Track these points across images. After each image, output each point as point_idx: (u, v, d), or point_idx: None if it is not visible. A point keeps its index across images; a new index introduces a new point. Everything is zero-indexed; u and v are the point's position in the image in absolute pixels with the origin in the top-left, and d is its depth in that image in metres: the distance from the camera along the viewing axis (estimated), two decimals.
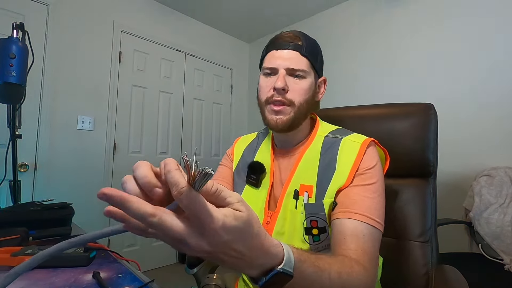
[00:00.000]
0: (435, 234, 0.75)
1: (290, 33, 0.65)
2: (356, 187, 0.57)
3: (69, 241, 0.26)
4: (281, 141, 0.71)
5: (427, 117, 0.78)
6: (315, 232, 0.59)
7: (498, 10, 1.68)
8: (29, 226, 0.72)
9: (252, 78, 3.32)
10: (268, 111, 0.65)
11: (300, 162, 0.65)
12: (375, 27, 2.24)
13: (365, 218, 0.52)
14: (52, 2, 1.93)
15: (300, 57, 0.62)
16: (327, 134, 0.67)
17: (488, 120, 1.67)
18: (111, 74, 2.22)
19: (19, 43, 0.96)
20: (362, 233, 0.51)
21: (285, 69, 0.62)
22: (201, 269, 0.88)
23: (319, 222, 0.58)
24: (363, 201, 0.54)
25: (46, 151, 1.89)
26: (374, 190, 0.56)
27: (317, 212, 0.58)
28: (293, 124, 0.63)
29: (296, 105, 0.62)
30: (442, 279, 0.65)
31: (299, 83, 0.63)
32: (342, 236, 0.52)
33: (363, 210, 0.53)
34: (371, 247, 0.51)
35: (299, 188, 0.62)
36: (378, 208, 0.55)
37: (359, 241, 0.50)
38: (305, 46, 0.63)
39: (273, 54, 0.64)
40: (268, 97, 0.64)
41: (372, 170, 0.58)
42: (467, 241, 1.63)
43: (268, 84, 0.64)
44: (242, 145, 0.79)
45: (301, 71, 0.62)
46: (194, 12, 2.71)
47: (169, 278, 2.25)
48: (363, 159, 0.59)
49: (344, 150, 0.61)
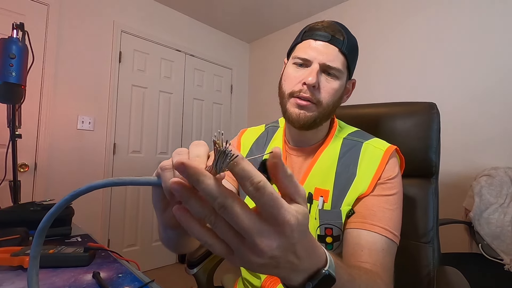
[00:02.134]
0: (437, 235, 0.75)
1: (331, 24, 0.58)
2: (376, 197, 0.54)
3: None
4: (296, 140, 0.65)
5: (430, 116, 0.77)
6: (329, 240, 0.55)
7: (500, 10, 1.68)
8: (29, 226, 0.72)
9: (252, 78, 3.32)
10: (291, 103, 0.58)
11: (316, 164, 0.60)
12: (376, 27, 2.24)
13: (384, 232, 0.50)
14: (52, 2, 1.93)
15: (338, 54, 0.56)
16: (346, 136, 0.63)
17: (488, 120, 1.67)
18: (111, 74, 2.22)
19: (19, 43, 0.96)
20: (381, 248, 0.49)
21: (320, 64, 0.55)
22: (201, 269, 0.88)
23: (334, 231, 0.55)
24: (383, 213, 0.52)
25: (46, 151, 1.89)
26: (394, 201, 0.54)
27: (334, 220, 0.55)
28: (315, 123, 0.58)
29: (323, 105, 0.57)
30: (444, 280, 0.64)
31: (331, 82, 0.57)
32: (359, 248, 0.49)
33: (383, 223, 0.51)
34: (389, 262, 0.49)
35: (314, 192, 0.58)
36: (396, 220, 0.53)
37: (378, 255, 0.48)
38: (346, 42, 0.56)
39: (309, 43, 0.57)
40: (295, 91, 0.57)
41: (393, 180, 0.56)
42: (467, 241, 1.63)
43: (298, 75, 0.57)
44: (250, 138, 0.74)
45: (336, 70, 0.56)
46: (194, 12, 2.71)
47: (169, 278, 2.25)
48: (386, 168, 0.56)
49: (366, 156, 0.58)
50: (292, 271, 0.26)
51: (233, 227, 0.22)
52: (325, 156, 0.61)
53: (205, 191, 0.20)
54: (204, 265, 0.88)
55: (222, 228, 0.22)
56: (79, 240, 0.77)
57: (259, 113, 3.17)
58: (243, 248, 0.22)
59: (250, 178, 0.20)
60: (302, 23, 2.78)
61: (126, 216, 2.29)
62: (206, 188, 0.20)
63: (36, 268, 0.27)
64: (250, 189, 0.21)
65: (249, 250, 0.22)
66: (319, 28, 0.58)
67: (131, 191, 2.32)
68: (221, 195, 0.20)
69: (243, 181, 0.21)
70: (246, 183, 0.21)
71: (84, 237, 0.80)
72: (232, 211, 0.21)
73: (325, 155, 0.61)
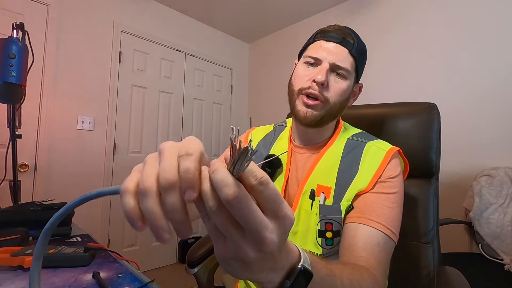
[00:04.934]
0: (437, 235, 0.75)
1: (343, 28, 0.62)
2: (376, 194, 0.55)
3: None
4: (302, 138, 0.67)
5: (430, 116, 0.78)
6: (329, 235, 0.56)
7: (501, 10, 1.68)
8: (29, 226, 0.72)
9: (252, 78, 3.32)
10: (299, 101, 0.61)
11: (320, 162, 0.62)
12: (377, 27, 2.24)
13: (381, 227, 0.50)
14: (52, 2, 1.93)
15: (348, 56, 0.59)
16: (350, 136, 0.65)
17: (489, 120, 1.67)
18: (111, 74, 2.22)
19: (19, 43, 0.96)
20: (377, 242, 0.49)
21: (330, 63, 0.58)
22: (201, 269, 0.88)
23: (334, 225, 0.56)
24: (382, 210, 0.52)
25: (46, 151, 1.89)
26: (393, 200, 0.54)
27: (333, 215, 0.56)
28: (321, 121, 0.60)
29: (330, 104, 0.59)
30: (445, 281, 0.64)
31: (339, 82, 0.59)
32: (355, 241, 0.49)
33: (381, 219, 0.51)
34: (384, 257, 0.49)
35: (316, 188, 0.59)
36: (395, 219, 0.53)
37: (373, 249, 0.48)
38: (355, 45, 0.60)
39: (320, 44, 0.61)
40: (304, 88, 0.59)
41: (394, 179, 0.56)
42: (467, 241, 1.63)
43: (308, 73, 0.60)
44: (257, 136, 0.76)
45: (345, 71, 0.59)
46: (194, 12, 2.71)
47: (169, 278, 2.25)
48: (387, 168, 0.57)
49: (369, 155, 0.59)
50: (271, 271, 0.25)
51: (234, 218, 0.21)
52: (329, 154, 0.62)
53: (218, 178, 0.20)
54: (204, 264, 0.88)
55: (223, 219, 0.21)
56: (79, 240, 0.77)
57: (259, 113, 3.17)
58: (242, 241, 0.21)
59: (253, 173, 0.20)
60: (302, 23, 2.78)
61: None
62: (219, 175, 0.20)
63: (39, 268, 0.28)
64: (254, 183, 0.20)
65: (250, 244, 0.21)
66: (331, 30, 0.61)
67: None
68: (234, 184, 0.20)
69: (246, 175, 0.20)
70: (249, 177, 0.20)
71: (84, 237, 0.80)
72: (244, 202, 0.20)
73: (329, 153, 0.63)
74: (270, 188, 0.21)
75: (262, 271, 0.24)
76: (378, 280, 0.44)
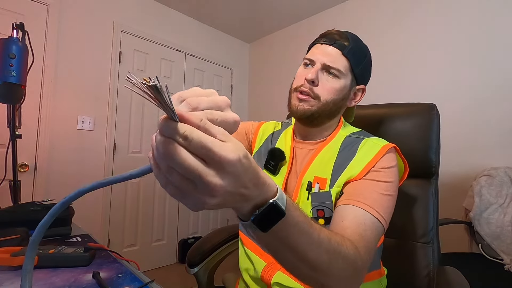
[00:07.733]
0: (436, 235, 0.75)
1: (340, 32, 0.66)
2: (367, 180, 0.56)
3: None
4: (302, 134, 0.71)
5: (430, 117, 0.78)
6: (321, 222, 0.57)
7: (501, 10, 1.68)
8: (29, 226, 0.72)
9: (252, 78, 3.32)
10: (293, 97, 0.66)
11: (318, 156, 0.65)
12: (376, 27, 2.24)
13: (368, 208, 0.50)
14: (52, 2, 1.93)
15: (340, 57, 0.63)
16: (349, 134, 0.67)
17: (488, 120, 1.67)
18: (111, 74, 2.22)
19: (19, 43, 0.96)
20: (363, 221, 0.49)
21: (321, 63, 0.63)
22: (201, 269, 0.88)
23: (326, 212, 0.57)
24: (370, 194, 0.53)
25: (46, 151, 1.89)
26: (384, 188, 0.55)
27: (324, 201, 0.58)
28: (313, 116, 0.64)
29: (321, 101, 0.63)
30: (444, 281, 0.64)
31: (330, 81, 0.63)
32: (341, 219, 0.50)
33: (368, 201, 0.51)
34: (369, 235, 0.48)
35: (313, 180, 0.62)
36: (385, 206, 0.53)
37: (358, 227, 0.48)
38: (350, 47, 0.63)
39: (317, 46, 0.66)
40: (298, 86, 0.65)
41: (387, 170, 0.57)
42: (467, 241, 1.63)
43: (303, 74, 0.65)
44: (268, 130, 0.79)
45: (336, 70, 0.62)
46: (194, 12, 2.71)
47: (169, 278, 2.25)
48: (381, 159, 0.58)
49: (364, 148, 0.61)
50: (244, 201, 0.28)
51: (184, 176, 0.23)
52: (327, 149, 0.65)
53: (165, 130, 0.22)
54: (204, 264, 0.88)
55: (175, 177, 0.23)
56: (79, 240, 0.77)
57: (259, 113, 3.16)
58: (196, 193, 0.23)
59: (176, 130, 0.22)
60: (301, 23, 2.78)
61: (126, 216, 2.29)
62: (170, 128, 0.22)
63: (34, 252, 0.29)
64: (180, 140, 0.22)
65: (203, 193, 0.23)
66: (327, 34, 0.66)
67: (131, 190, 2.33)
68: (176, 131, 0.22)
69: (174, 137, 0.22)
70: (176, 138, 0.22)
71: (84, 237, 0.80)
72: (178, 157, 0.22)
73: (327, 148, 0.66)
74: (195, 138, 0.22)
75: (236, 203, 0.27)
76: (361, 253, 0.43)
